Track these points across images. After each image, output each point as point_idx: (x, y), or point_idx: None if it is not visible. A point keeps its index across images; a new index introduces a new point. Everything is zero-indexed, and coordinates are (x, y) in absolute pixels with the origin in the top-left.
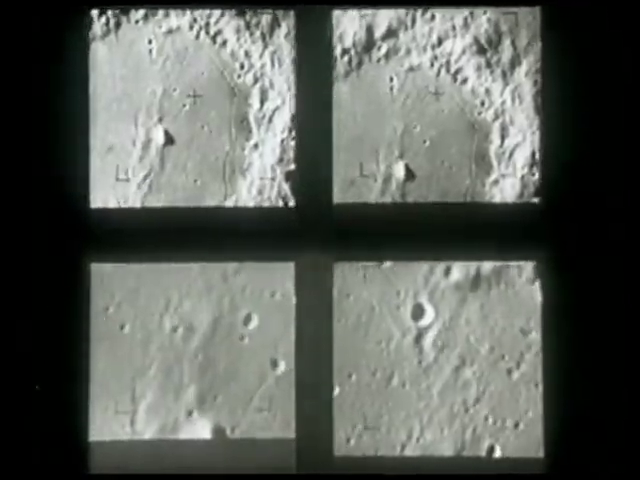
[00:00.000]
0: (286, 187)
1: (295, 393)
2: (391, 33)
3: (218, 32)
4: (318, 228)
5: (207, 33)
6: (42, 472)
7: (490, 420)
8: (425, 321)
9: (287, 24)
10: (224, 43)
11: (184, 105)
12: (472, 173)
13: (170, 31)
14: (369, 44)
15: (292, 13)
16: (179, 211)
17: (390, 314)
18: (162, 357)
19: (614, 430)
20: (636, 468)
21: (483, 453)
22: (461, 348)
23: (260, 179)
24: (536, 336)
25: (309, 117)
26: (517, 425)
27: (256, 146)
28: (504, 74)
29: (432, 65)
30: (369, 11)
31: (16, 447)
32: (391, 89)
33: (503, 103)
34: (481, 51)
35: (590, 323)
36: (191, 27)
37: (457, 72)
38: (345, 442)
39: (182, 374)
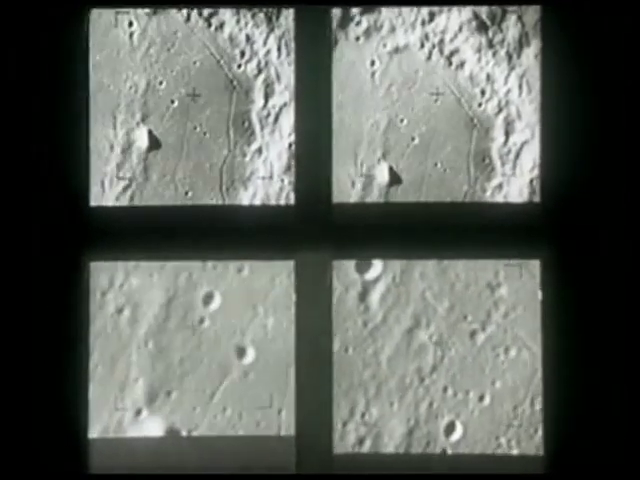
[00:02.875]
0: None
1: (295, 391)
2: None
3: (214, 13)
4: (317, 226)
5: (200, 14)
6: (42, 471)
7: (449, 392)
8: (372, 274)
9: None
10: (221, 26)
11: (172, 101)
12: (470, 177)
13: (155, 12)
14: (345, 19)
15: (291, 12)
16: (179, 209)
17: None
18: (104, 344)
19: (614, 430)
20: (636, 468)
21: (441, 431)
22: (415, 306)
23: (264, 189)
24: (505, 292)
25: (308, 115)
26: (482, 398)
27: (259, 151)
28: (509, 57)
29: (422, 45)
30: None
31: (16, 446)
32: (372, 75)
33: (508, 92)
34: (482, 28)
35: (591, 323)
36: None
37: (452, 54)
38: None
39: (129, 365)
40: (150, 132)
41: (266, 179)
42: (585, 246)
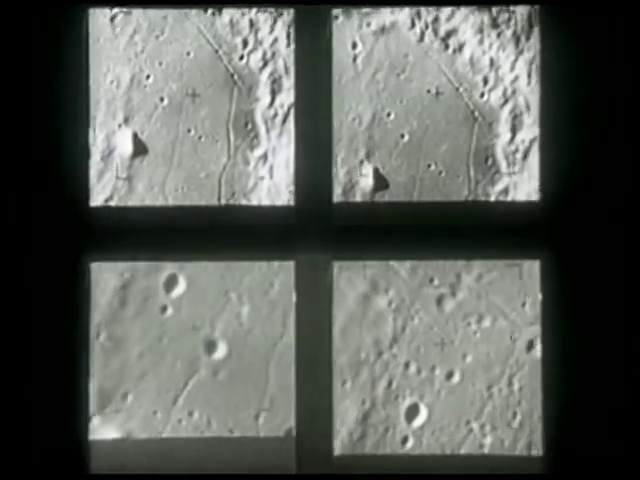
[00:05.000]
0: None
1: (295, 392)
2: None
3: None
4: (318, 227)
5: None
6: (42, 472)
7: (412, 369)
8: None
9: None
10: (220, 10)
11: (161, 99)
12: (471, 180)
13: None
14: None
15: (292, 12)
16: (179, 210)
17: None
18: None
19: (614, 430)
20: (636, 468)
21: (401, 415)
22: (372, 268)
23: (269, 202)
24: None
25: (308, 115)
26: (450, 376)
27: (264, 157)
28: (517, 38)
29: (413, 25)
30: None
31: (16, 447)
32: (354, 59)
33: (515, 80)
34: (484, 5)
35: (591, 323)
36: None
37: (449, 35)
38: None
39: None
40: (135, 135)
41: (272, 190)
42: (585, 246)
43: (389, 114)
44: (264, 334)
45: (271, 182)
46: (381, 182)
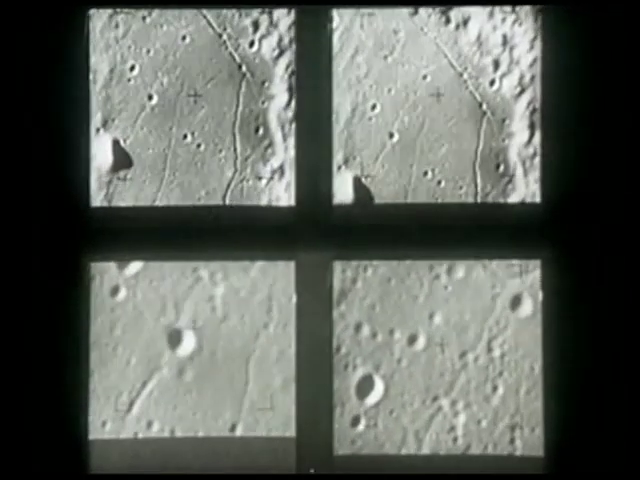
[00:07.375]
0: None
1: (295, 393)
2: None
3: None
4: (318, 227)
5: None
6: (42, 472)
7: (365, 331)
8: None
9: None
10: None
11: (150, 97)
12: (478, 191)
13: None
14: None
15: (292, 12)
16: (179, 210)
17: None
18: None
19: (614, 430)
20: (636, 468)
21: (352, 389)
22: None
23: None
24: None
25: (309, 115)
26: (413, 340)
27: (280, 171)
28: (537, 12)
29: None
30: None
31: (16, 447)
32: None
33: (533, 64)
34: (486, 5)
35: (591, 323)
36: None
37: (450, 8)
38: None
39: None
40: (116, 143)
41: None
42: (585, 245)
43: (374, 107)
44: (242, 323)
45: (289, 202)
46: (363, 194)
